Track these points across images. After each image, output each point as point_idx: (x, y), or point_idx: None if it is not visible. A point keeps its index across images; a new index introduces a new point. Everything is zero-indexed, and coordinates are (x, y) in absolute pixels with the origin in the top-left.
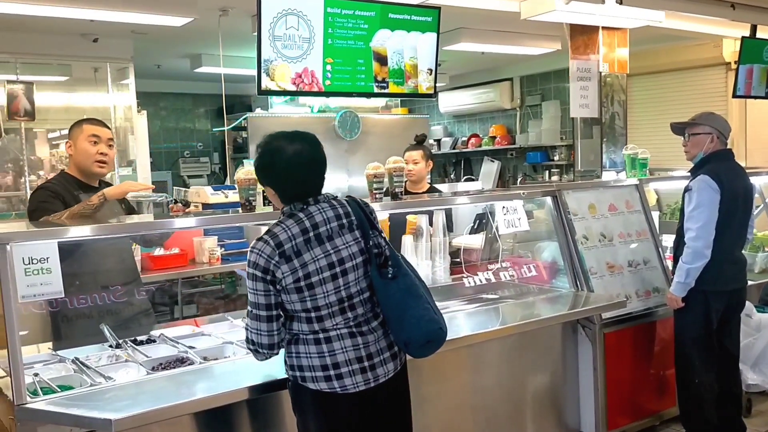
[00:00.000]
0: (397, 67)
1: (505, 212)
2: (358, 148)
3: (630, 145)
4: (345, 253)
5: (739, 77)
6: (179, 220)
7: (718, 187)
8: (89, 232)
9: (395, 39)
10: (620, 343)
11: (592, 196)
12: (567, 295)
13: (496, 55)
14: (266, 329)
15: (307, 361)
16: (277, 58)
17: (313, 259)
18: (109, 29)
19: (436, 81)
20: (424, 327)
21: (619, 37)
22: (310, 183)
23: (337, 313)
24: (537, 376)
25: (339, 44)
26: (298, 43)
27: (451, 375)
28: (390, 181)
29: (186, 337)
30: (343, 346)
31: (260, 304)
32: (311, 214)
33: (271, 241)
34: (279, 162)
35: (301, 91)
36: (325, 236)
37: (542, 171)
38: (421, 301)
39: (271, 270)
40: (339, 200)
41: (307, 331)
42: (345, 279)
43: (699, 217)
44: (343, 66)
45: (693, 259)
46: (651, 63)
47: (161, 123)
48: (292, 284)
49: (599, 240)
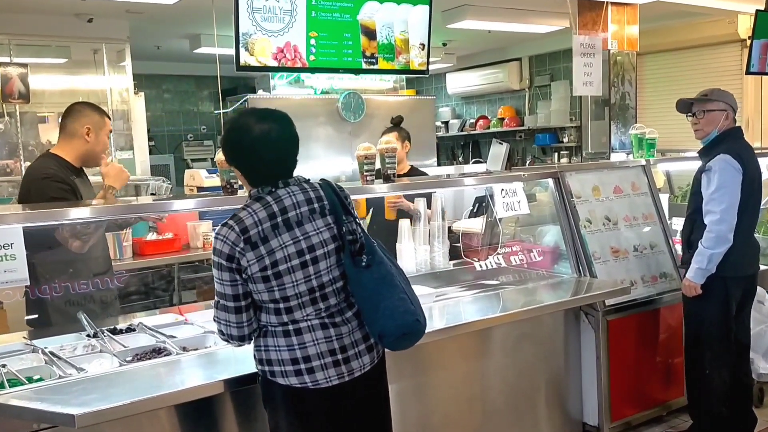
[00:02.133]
0: (386, 41)
1: (504, 195)
2: (362, 131)
3: (637, 125)
4: (315, 240)
5: (753, 53)
6: (169, 203)
7: (740, 167)
8: (55, 217)
9: (384, 12)
10: (625, 331)
11: (596, 177)
12: (569, 281)
13: (503, 33)
14: (235, 321)
15: (276, 355)
16: (256, 32)
17: (280, 246)
18: (103, 9)
19: (429, 57)
20: (399, 318)
21: (629, 13)
22: (279, 165)
23: (307, 303)
24: (538, 365)
25: (324, 17)
26: (279, 16)
27: (450, 364)
28: (382, 162)
29: (167, 326)
30: (315, 338)
31: (227, 294)
32: (280, 197)
33: (236, 227)
34: (245, 141)
35: (284, 67)
36: (294, 221)
37: (551, 153)
38: (397, 291)
39: (236, 258)
40: (311, 183)
41: (275, 322)
42: (316, 267)
43: (722, 199)
44: (328, 40)
45: (716, 243)
46: (663, 41)
47: (164, 106)
48: (258, 273)
49: (603, 224)
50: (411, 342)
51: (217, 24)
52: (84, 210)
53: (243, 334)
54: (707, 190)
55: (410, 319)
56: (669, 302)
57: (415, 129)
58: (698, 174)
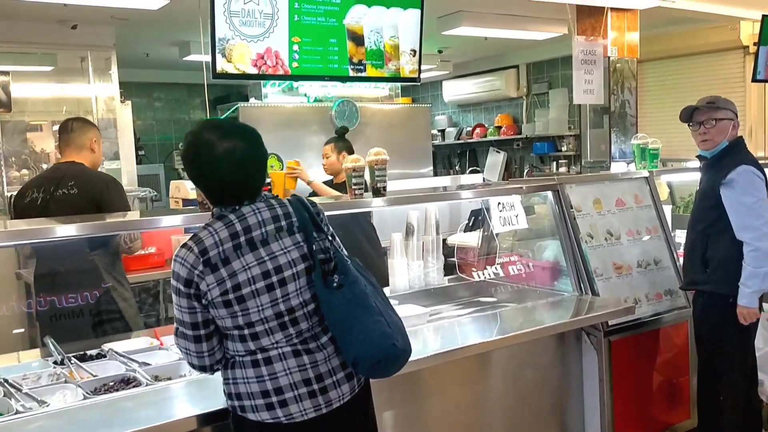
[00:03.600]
0: (375, 47)
1: (501, 209)
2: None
3: (640, 134)
4: (283, 260)
5: (759, 60)
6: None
7: (762, 177)
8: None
9: (373, 16)
10: (629, 352)
11: (597, 190)
12: (569, 300)
13: (500, 40)
14: (195, 350)
15: (245, 388)
16: (234, 37)
17: (243, 268)
18: (87, 15)
19: (420, 63)
20: (374, 343)
21: (629, 19)
22: (242, 187)
23: (276, 329)
24: (538, 389)
25: (307, 21)
26: (259, 20)
27: (444, 389)
28: (371, 175)
29: (141, 351)
30: (286, 367)
31: (185, 322)
32: (244, 215)
33: (195, 248)
34: (205, 159)
35: (264, 75)
36: (258, 241)
37: (550, 162)
38: (371, 313)
39: (194, 282)
40: (279, 200)
41: (242, 351)
42: (284, 289)
43: (761, 211)
44: (312, 46)
45: (765, 260)
46: (664, 47)
47: (154, 114)
48: (219, 297)
49: (605, 238)
50: (390, 368)
51: (204, 31)
52: (48, 229)
53: (204, 365)
54: (738, 204)
55: (386, 344)
56: (675, 321)
57: (410, 137)
58: (711, 186)
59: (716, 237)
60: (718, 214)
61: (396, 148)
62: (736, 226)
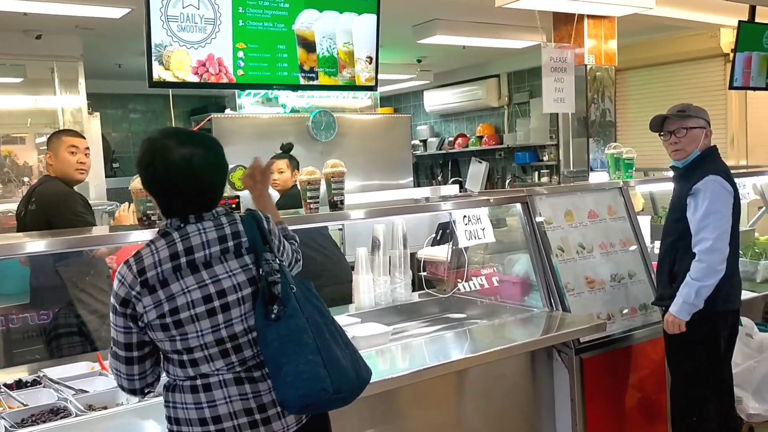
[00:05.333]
0: (328, 54)
1: (467, 222)
2: (334, 150)
3: (614, 144)
4: (227, 284)
5: (736, 66)
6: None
7: (731, 189)
8: None
9: (325, 21)
10: (601, 370)
11: (568, 201)
12: (539, 316)
13: (479, 49)
14: (125, 371)
15: (184, 414)
16: (172, 43)
17: (182, 291)
18: (50, 25)
19: (377, 71)
20: (301, 387)
21: (607, 26)
22: (199, 196)
23: (216, 356)
24: (507, 409)
25: (253, 26)
26: (200, 25)
27: (407, 413)
28: (328, 188)
29: (79, 377)
30: (227, 395)
31: (119, 342)
32: (188, 234)
33: (134, 267)
34: (160, 165)
35: (206, 83)
36: (200, 263)
37: (532, 172)
38: (304, 352)
39: (131, 302)
40: (231, 216)
41: (182, 376)
42: (226, 315)
43: (716, 225)
44: (259, 53)
45: (706, 275)
46: (645, 55)
47: (130, 126)
48: (157, 320)
49: (577, 251)
50: (327, 408)
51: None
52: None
53: (134, 388)
54: (696, 215)
55: (315, 388)
56: (650, 336)
57: (390, 148)
58: (679, 197)
59: (684, 251)
60: (685, 227)
61: (375, 158)
62: (693, 237)
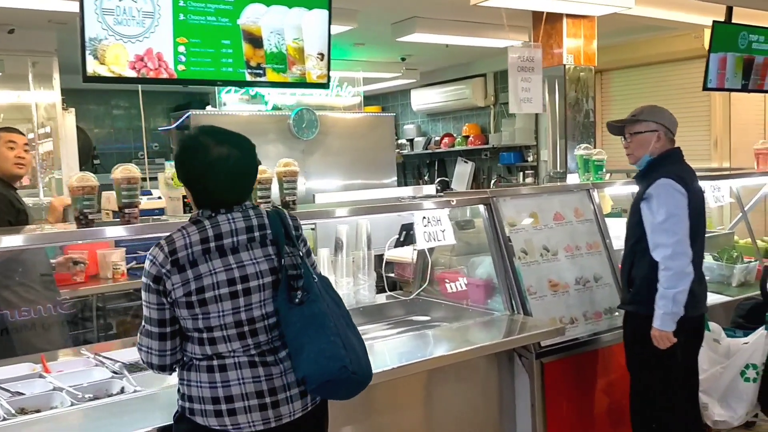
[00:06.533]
0: (276, 50)
1: (426, 223)
2: (316, 149)
3: (583, 145)
4: (251, 270)
5: (711, 67)
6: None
7: (684, 190)
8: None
9: (272, 16)
10: (563, 375)
11: (534, 203)
12: (500, 320)
13: (463, 48)
14: (157, 348)
15: (198, 392)
16: (108, 37)
17: (210, 272)
18: (23, 19)
19: (329, 68)
20: (323, 364)
21: (586, 26)
22: (230, 194)
23: (234, 337)
24: (468, 415)
25: (195, 20)
26: (138, 19)
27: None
28: (280, 187)
29: (19, 379)
30: (240, 377)
31: (152, 319)
32: (218, 223)
33: (166, 248)
34: (198, 163)
35: (145, 78)
36: (228, 248)
37: (517, 172)
38: (326, 333)
39: (162, 279)
40: (258, 210)
41: (199, 355)
42: (247, 299)
43: (674, 229)
44: (202, 47)
45: (677, 281)
46: (628, 56)
47: (112, 122)
48: (183, 298)
49: (541, 254)
50: (341, 390)
51: None
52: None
53: (164, 364)
54: (652, 221)
55: (335, 366)
56: (615, 341)
57: (373, 147)
58: (636, 202)
59: (641, 255)
60: (642, 231)
61: (359, 157)
62: (650, 244)
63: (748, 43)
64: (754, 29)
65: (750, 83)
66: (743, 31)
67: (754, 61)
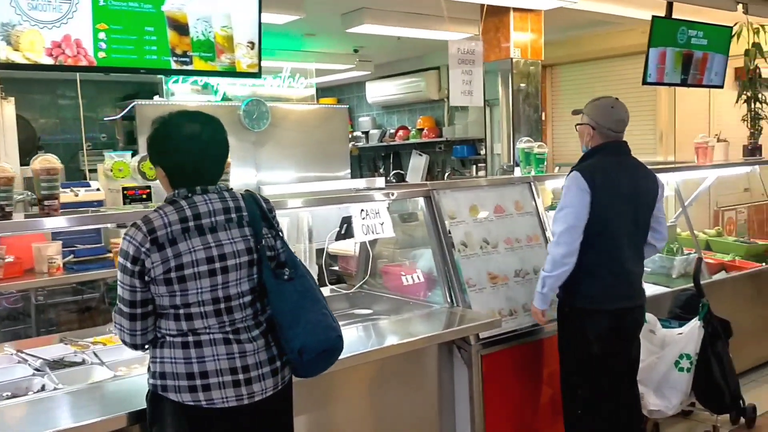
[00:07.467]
0: (203, 38)
1: (365, 216)
2: (267, 140)
3: (524, 138)
4: (228, 249)
5: (650, 62)
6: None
7: (587, 187)
8: None
9: (199, 2)
10: (502, 366)
11: (474, 196)
12: (440, 312)
13: (416, 40)
14: (128, 327)
15: (172, 368)
16: (22, 23)
17: (189, 250)
18: None
19: (260, 57)
20: (321, 334)
21: (533, 20)
22: (204, 170)
23: (210, 313)
24: (407, 407)
25: (116, 6)
26: (54, 4)
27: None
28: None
29: None
30: (215, 353)
31: (124, 299)
32: (195, 203)
33: (144, 227)
34: (171, 139)
35: (62, 65)
36: (207, 227)
37: (470, 165)
38: (319, 306)
39: (141, 259)
40: (233, 193)
41: (174, 331)
42: (224, 277)
43: (565, 219)
44: (124, 34)
45: (552, 267)
46: (577, 51)
47: (59, 112)
48: (162, 275)
49: (481, 247)
50: (330, 359)
51: None
52: None
53: (135, 342)
54: (557, 209)
55: (332, 335)
56: (553, 332)
57: (327, 139)
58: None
59: None
60: None
61: (311, 150)
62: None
63: (687, 39)
64: (693, 24)
65: (689, 78)
66: (682, 26)
67: (693, 56)
